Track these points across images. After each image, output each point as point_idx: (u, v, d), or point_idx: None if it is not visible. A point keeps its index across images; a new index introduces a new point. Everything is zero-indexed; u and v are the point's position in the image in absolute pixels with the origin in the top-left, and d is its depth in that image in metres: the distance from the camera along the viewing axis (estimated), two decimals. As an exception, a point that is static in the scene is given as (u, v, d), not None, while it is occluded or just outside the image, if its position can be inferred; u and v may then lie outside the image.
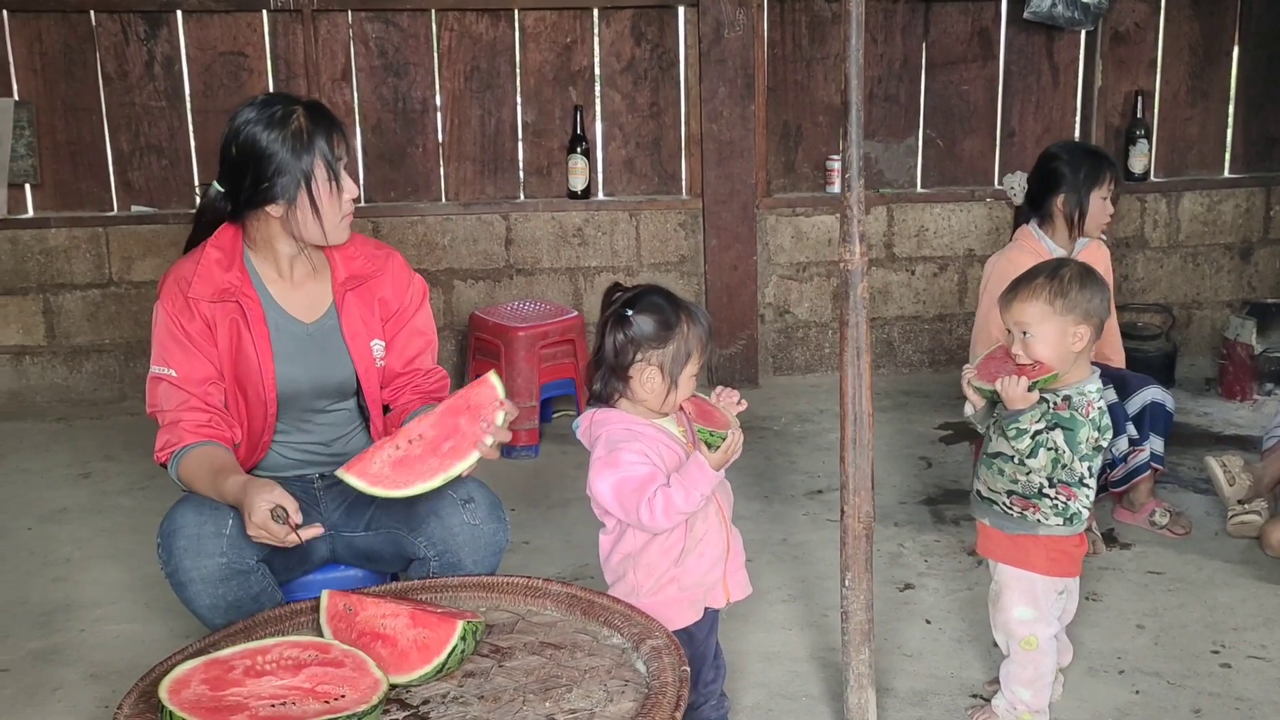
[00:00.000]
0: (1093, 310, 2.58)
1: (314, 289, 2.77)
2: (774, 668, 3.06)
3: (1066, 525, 2.64)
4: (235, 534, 2.49)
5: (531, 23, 5.29)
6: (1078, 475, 2.62)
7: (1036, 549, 2.66)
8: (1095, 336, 2.62)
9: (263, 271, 2.73)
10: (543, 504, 4.16)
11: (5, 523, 4.06)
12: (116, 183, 5.25)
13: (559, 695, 2.06)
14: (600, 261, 5.41)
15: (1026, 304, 2.59)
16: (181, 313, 2.65)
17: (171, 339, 2.65)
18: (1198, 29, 5.56)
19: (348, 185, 2.67)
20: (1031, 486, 2.64)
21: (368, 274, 2.79)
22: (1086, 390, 2.60)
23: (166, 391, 2.64)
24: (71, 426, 5.02)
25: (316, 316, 2.76)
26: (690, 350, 2.39)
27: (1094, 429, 2.58)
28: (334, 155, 2.63)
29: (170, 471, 2.64)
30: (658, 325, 2.38)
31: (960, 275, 5.56)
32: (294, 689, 1.98)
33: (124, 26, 5.12)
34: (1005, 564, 2.70)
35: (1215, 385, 5.21)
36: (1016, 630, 2.70)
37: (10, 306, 5.21)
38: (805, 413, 5.07)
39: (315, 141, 2.61)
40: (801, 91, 5.43)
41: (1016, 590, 2.69)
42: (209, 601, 2.48)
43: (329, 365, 2.75)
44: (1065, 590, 2.73)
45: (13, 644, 3.25)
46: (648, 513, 2.34)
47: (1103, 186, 3.75)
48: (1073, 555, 2.69)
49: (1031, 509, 2.64)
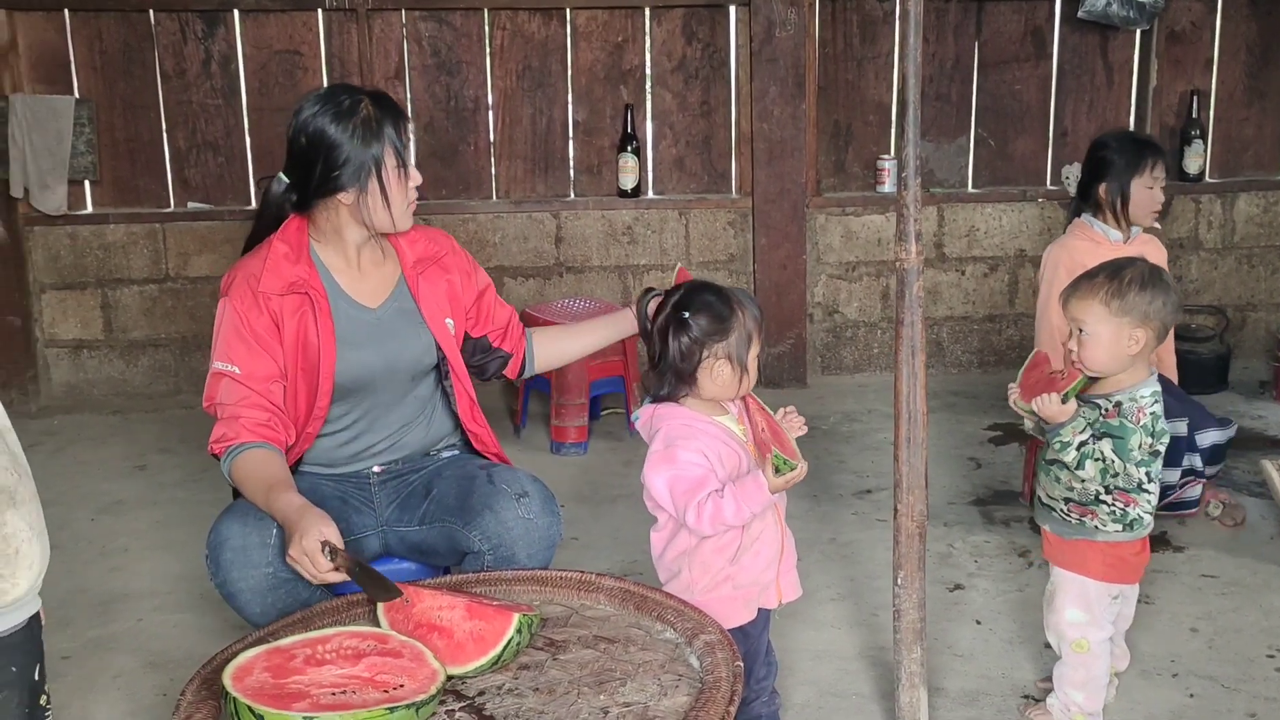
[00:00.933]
0: (1152, 314, 2.52)
1: (380, 275, 2.83)
2: (823, 665, 3.06)
3: (1126, 531, 2.61)
4: (280, 544, 2.51)
5: (583, 21, 5.32)
6: (1135, 481, 2.57)
7: (1094, 554, 2.63)
8: (1157, 341, 2.55)
9: (329, 261, 2.77)
10: (591, 500, 4.18)
11: (64, 514, 4.13)
12: (174, 180, 5.33)
13: (613, 688, 2.07)
14: (649, 260, 5.42)
15: (1084, 302, 2.56)
16: (250, 309, 2.68)
17: (237, 336, 2.68)
18: (1255, 28, 5.50)
19: (414, 172, 2.74)
20: (1088, 494, 2.61)
21: (435, 255, 2.88)
22: (1139, 395, 2.54)
23: (229, 387, 2.67)
24: (128, 419, 5.10)
25: (382, 300, 2.81)
26: (750, 333, 2.42)
27: (1147, 435, 2.53)
28: (401, 142, 2.69)
29: (223, 466, 2.67)
30: (716, 319, 2.40)
31: (1011, 276, 5.53)
32: (354, 678, 2.00)
33: (182, 25, 5.19)
34: (1062, 568, 2.69)
35: (1270, 388, 5.15)
36: (1068, 632, 2.68)
37: (69, 301, 5.29)
38: (854, 412, 5.06)
39: (384, 129, 2.66)
40: (852, 91, 5.42)
41: (1070, 592, 2.67)
42: (259, 610, 2.52)
43: (401, 346, 2.79)
44: (1120, 595, 2.70)
45: (73, 632, 3.30)
46: (694, 516, 2.36)
47: (1145, 173, 3.76)
48: (1131, 562, 2.66)
49: (1089, 515, 2.62)
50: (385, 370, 2.78)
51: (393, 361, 2.79)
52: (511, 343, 3.02)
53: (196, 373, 5.36)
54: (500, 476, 2.72)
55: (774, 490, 2.35)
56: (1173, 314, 2.56)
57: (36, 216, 5.17)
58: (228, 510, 2.64)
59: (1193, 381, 5.13)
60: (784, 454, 2.34)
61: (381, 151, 2.66)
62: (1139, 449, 2.53)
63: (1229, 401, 5.07)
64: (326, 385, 2.72)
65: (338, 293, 2.76)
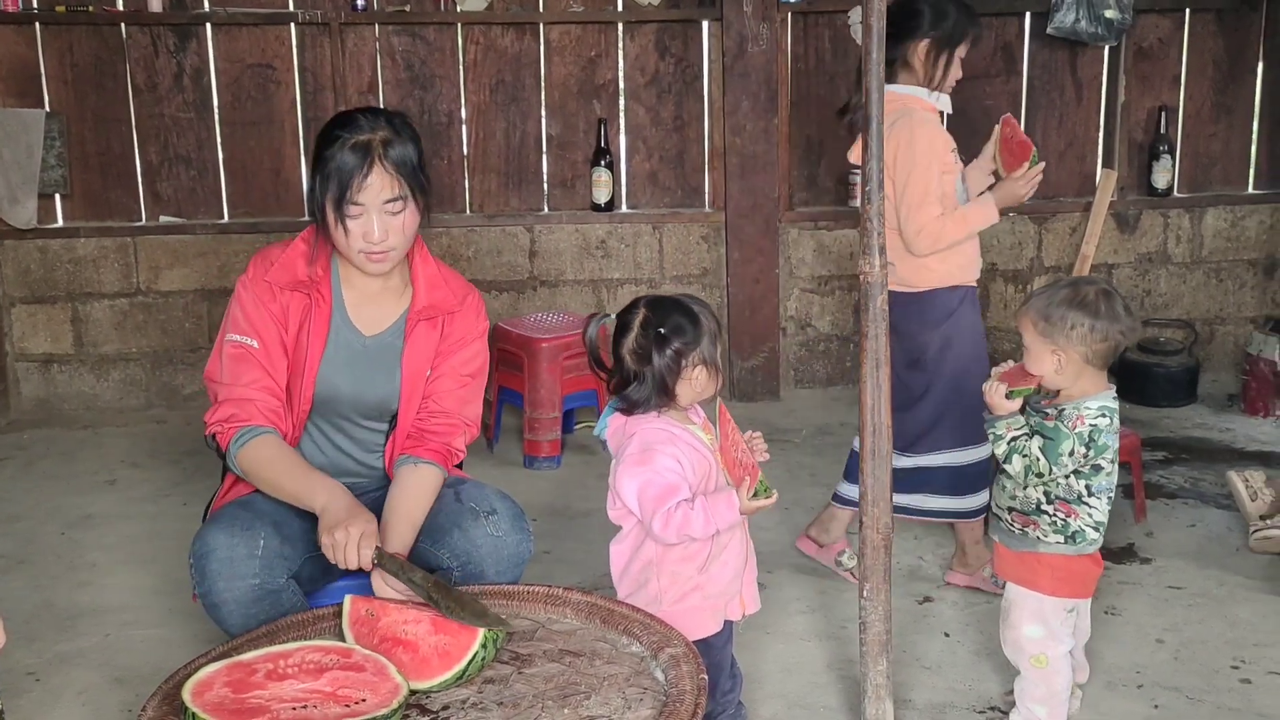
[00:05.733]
0: (1075, 339, 2.54)
1: (387, 305, 2.75)
2: (792, 678, 3.07)
3: (1069, 544, 2.63)
4: (267, 554, 2.49)
5: (556, 36, 5.33)
6: (1075, 492, 2.60)
7: (1041, 568, 2.65)
8: (1089, 362, 2.57)
9: (345, 274, 2.73)
10: (564, 514, 4.18)
11: (33, 528, 4.11)
12: (145, 193, 5.31)
13: (578, 702, 2.07)
14: (623, 274, 5.43)
15: (1024, 317, 2.63)
16: (264, 293, 2.66)
17: (257, 312, 2.64)
18: (1221, 45, 5.56)
19: (353, 226, 2.57)
20: (1029, 502, 2.64)
21: (445, 309, 2.76)
22: (1085, 406, 2.57)
23: (244, 362, 2.61)
24: (98, 434, 5.08)
25: (377, 331, 2.74)
26: (714, 332, 2.47)
27: (1081, 443, 2.55)
28: (346, 195, 2.54)
29: (232, 449, 2.58)
30: (689, 330, 2.44)
31: (981, 289, 5.54)
32: (315, 692, 2.00)
33: (154, 39, 5.18)
34: (1013, 582, 2.71)
35: (1238, 401, 5.19)
36: (1026, 647, 2.70)
37: (39, 315, 5.27)
38: (826, 425, 5.07)
39: (336, 176, 2.55)
40: (824, 105, 5.43)
41: (1024, 608, 2.69)
42: (240, 621, 2.48)
43: (373, 382, 2.72)
44: (1075, 609, 2.72)
45: (39, 648, 3.28)
46: (661, 523, 2.38)
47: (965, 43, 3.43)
48: (1080, 576, 2.67)
49: (1032, 525, 2.65)
50: (351, 399, 2.73)
51: (358, 394, 2.73)
52: (407, 442, 2.73)
53: (168, 387, 5.34)
54: (468, 494, 2.71)
55: (745, 512, 2.40)
56: (1101, 340, 2.56)
57: (6, 230, 5.14)
58: (214, 519, 2.60)
59: (1162, 395, 5.20)
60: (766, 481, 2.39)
61: (324, 197, 2.57)
62: (1069, 455, 2.56)
63: (1198, 415, 5.11)
64: (309, 393, 2.68)
65: (340, 306, 2.72)
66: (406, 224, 2.63)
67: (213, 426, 2.63)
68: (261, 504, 2.63)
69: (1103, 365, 2.60)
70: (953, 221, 3.34)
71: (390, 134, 2.59)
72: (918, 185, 3.30)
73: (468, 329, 2.79)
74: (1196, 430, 4.93)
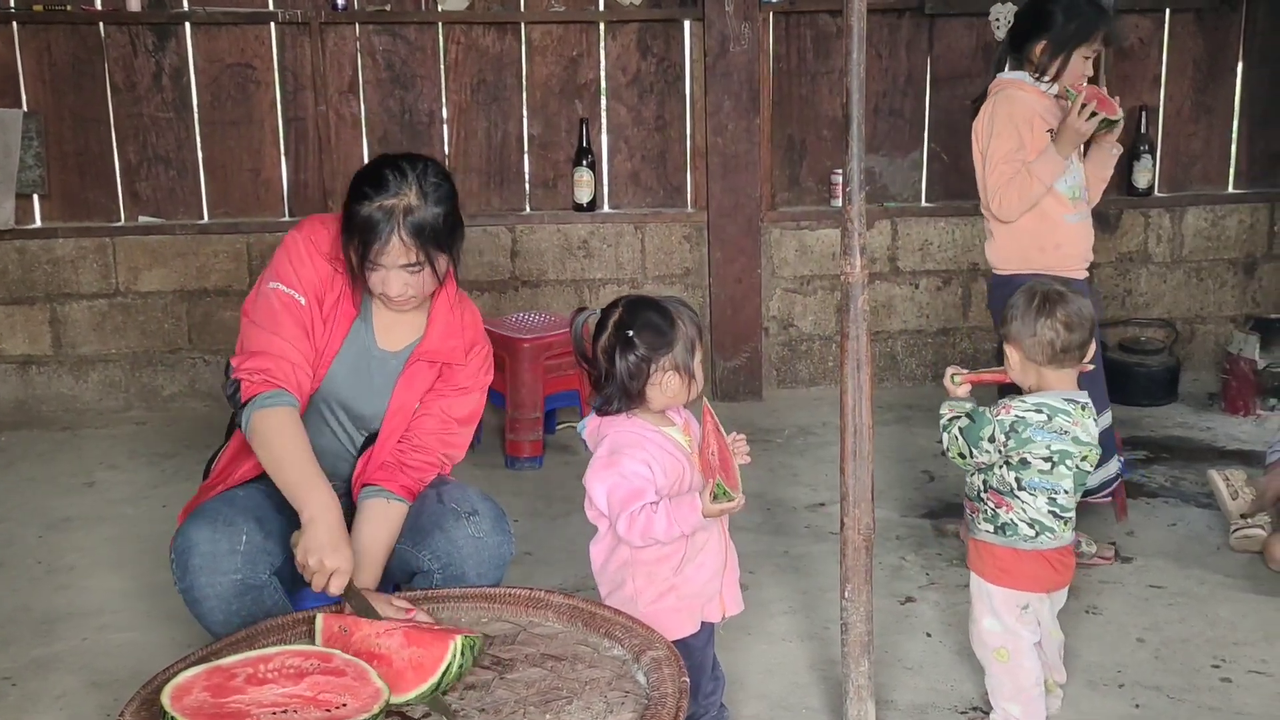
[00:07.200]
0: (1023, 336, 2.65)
1: (404, 330, 2.75)
2: (774, 679, 3.06)
3: (998, 535, 2.68)
4: (249, 550, 2.48)
5: (538, 36, 5.32)
6: (1008, 485, 2.65)
7: (983, 555, 2.73)
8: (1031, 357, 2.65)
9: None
10: (546, 515, 4.17)
11: (11, 531, 4.08)
12: (124, 193, 5.28)
13: (559, 707, 2.07)
14: (606, 274, 5.42)
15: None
16: (315, 255, 2.65)
17: (307, 271, 2.63)
18: (1202, 45, 5.57)
19: (378, 280, 2.59)
20: (972, 489, 2.74)
21: (447, 359, 2.76)
22: (1022, 399, 2.65)
23: (288, 312, 2.60)
24: (77, 436, 5.04)
25: (388, 349, 2.75)
26: (693, 339, 2.45)
27: (1001, 431, 2.60)
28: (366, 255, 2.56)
29: (254, 404, 2.52)
30: (659, 333, 2.42)
31: (964, 289, 5.56)
32: (296, 697, 1.99)
33: (132, 38, 5.15)
34: (971, 569, 2.77)
35: (1218, 400, 5.21)
36: (988, 640, 2.73)
37: (17, 316, 5.23)
38: (808, 425, 5.07)
39: (359, 234, 2.56)
40: (806, 105, 5.45)
41: (980, 600, 2.75)
42: (222, 618, 2.47)
43: (369, 392, 2.73)
44: (1029, 607, 2.72)
45: (16, 652, 3.26)
46: (625, 525, 2.38)
47: (1094, 41, 3.54)
48: (1029, 573, 2.68)
49: (975, 512, 2.73)
50: (341, 404, 2.74)
51: (349, 400, 2.74)
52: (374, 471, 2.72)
53: (147, 388, 5.31)
54: (450, 495, 2.70)
55: (707, 516, 2.38)
56: (1031, 336, 2.64)
57: (-17, 231, 5.12)
58: (196, 514, 2.58)
59: (1142, 394, 5.21)
60: (727, 483, 2.36)
61: (348, 243, 2.59)
62: (989, 441, 2.62)
63: (1178, 414, 5.13)
64: (321, 373, 2.68)
65: (366, 311, 2.73)
66: (426, 281, 2.62)
67: (240, 373, 2.56)
68: (244, 499, 2.62)
69: (1050, 363, 2.65)
70: (1020, 178, 3.50)
71: (415, 198, 2.55)
72: (992, 153, 3.53)
73: (468, 380, 2.80)
74: (1177, 429, 4.95)
